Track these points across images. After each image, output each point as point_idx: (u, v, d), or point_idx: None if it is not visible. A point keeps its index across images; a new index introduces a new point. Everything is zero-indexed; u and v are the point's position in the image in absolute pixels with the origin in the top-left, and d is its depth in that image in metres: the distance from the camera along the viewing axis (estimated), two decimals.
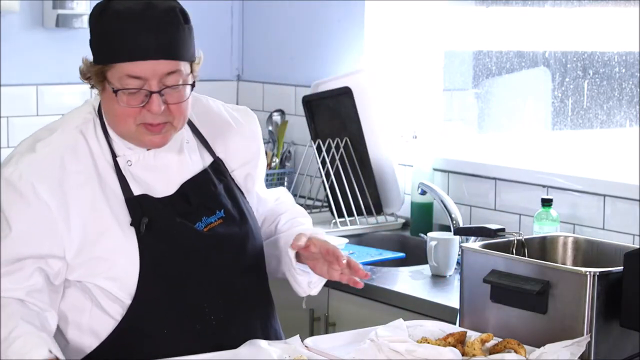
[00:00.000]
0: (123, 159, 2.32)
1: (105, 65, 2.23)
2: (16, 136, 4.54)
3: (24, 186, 2.23)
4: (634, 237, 3.43)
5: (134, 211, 2.28)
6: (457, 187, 4.02)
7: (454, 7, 4.27)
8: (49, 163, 2.27)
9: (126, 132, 2.28)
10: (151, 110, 2.22)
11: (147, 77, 2.21)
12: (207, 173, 2.39)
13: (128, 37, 2.20)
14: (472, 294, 2.54)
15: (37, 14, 4.53)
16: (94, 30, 2.26)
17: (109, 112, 2.29)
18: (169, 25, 2.23)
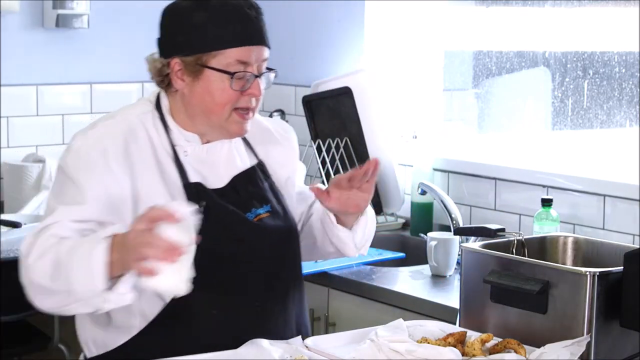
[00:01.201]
0: (180, 149, 2.41)
1: (207, 54, 2.33)
2: (16, 136, 4.54)
3: (94, 154, 2.32)
4: (634, 237, 3.43)
5: (191, 196, 2.35)
6: (457, 187, 4.02)
7: (454, 7, 4.27)
8: (114, 139, 2.35)
9: (218, 121, 2.37)
10: (254, 93, 2.36)
11: (251, 62, 2.34)
12: (255, 170, 2.49)
13: (236, 25, 2.33)
14: (472, 294, 2.54)
15: (37, 14, 4.53)
16: (188, 22, 2.35)
17: (202, 101, 2.37)
18: (261, 15, 2.39)
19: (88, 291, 2.18)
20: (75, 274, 2.17)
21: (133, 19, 4.77)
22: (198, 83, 2.35)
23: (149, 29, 4.90)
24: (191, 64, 2.34)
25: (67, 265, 2.19)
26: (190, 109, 2.39)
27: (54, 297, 2.25)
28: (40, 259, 2.24)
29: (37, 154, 4.50)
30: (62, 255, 2.21)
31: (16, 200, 4.36)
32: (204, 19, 2.33)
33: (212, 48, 2.33)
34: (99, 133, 2.36)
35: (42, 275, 2.24)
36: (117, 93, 4.78)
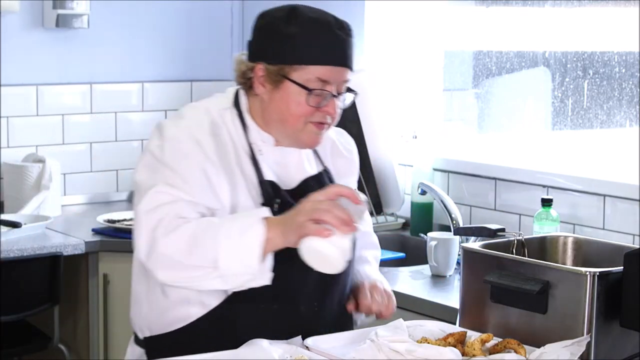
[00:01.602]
0: (256, 147, 2.47)
1: (289, 66, 2.38)
2: (16, 136, 4.54)
3: (189, 141, 2.37)
4: (634, 237, 3.43)
5: (266, 193, 2.42)
6: (457, 187, 4.02)
7: (454, 7, 4.27)
8: (202, 129, 2.41)
9: (293, 130, 2.43)
10: (329, 111, 2.42)
11: (330, 82, 2.40)
12: (323, 175, 2.56)
13: (326, 44, 2.39)
14: (472, 294, 2.54)
15: (37, 14, 4.54)
16: (279, 32, 2.40)
17: (279, 110, 2.42)
18: (351, 38, 2.44)
19: (240, 267, 2.25)
20: (226, 251, 2.24)
21: (133, 19, 4.77)
22: (277, 92, 2.41)
23: (149, 29, 4.93)
24: (274, 72, 2.40)
25: (213, 242, 2.25)
26: (267, 115, 2.45)
27: (185, 272, 2.28)
28: (172, 234, 2.28)
29: (37, 154, 4.50)
30: (202, 232, 2.26)
31: (16, 200, 4.36)
32: (294, 32, 2.38)
33: (296, 62, 2.38)
34: (191, 124, 2.41)
35: (175, 250, 2.27)
36: (117, 93, 4.78)
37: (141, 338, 2.51)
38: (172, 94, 4.90)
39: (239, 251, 2.24)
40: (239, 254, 2.25)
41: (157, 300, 2.45)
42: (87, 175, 4.74)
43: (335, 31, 2.39)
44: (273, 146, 2.48)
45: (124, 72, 4.79)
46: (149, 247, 2.29)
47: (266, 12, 2.46)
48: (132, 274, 2.53)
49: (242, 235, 2.25)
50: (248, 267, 2.25)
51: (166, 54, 4.89)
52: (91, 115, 4.71)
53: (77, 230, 4.16)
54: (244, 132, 2.46)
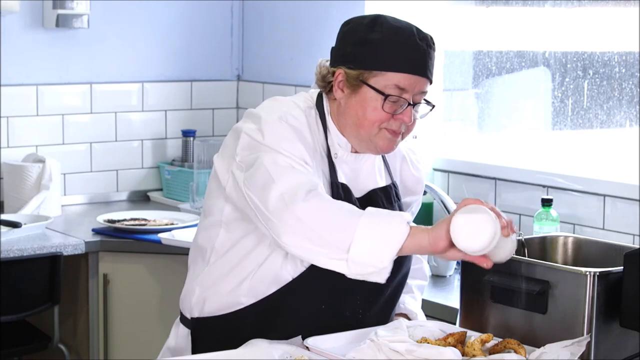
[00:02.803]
0: (333, 150, 2.50)
1: (369, 71, 2.41)
2: (16, 136, 4.54)
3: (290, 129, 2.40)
4: (634, 237, 3.43)
5: (337, 194, 2.44)
6: (457, 187, 4.02)
7: (454, 7, 4.27)
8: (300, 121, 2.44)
9: (367, 135, 2.45)
10: (404, 119, 2.44)
11: (407, 90, 2.42)
12: (390, 188, 2.59)
13: (403, 51, 2.41)
14: (472, 294, 2.54)
15: (37, 14, 4.54)
16: (362, 38, 2.44)
17: (355, 114, 2.45)
18: (432, 50, 2.46)
19: (370, 259, 2.23)
20: (364, 239, 2.22)
21: (133, 19, 4.78)
22: (355, 97, 2.44)
23: (149, 29, 4.93)
24: (353, 77, 2.43)
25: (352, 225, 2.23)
26: (343, 120, 2.48)
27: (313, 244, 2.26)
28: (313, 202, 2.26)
29: (37, 154, 4.50)
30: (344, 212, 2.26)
31: (16, 200, 4.36)
32: (377, 39, 2.42)
33: (375, 67, 2.41)
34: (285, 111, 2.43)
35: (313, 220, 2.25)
36: (117, 93, 4.78)
37: (189, 318, 2.55)
38: (172, 94, 4.90)
39: (376, 243, 2.22)
40: (375, 246, 2.22)
41: (211, 285, 2.49)
42: (87, 175, 4.74)
43: (416, 41, 2.42)
44: (349, 152, 2.51)
45: (124, 72, 4.79)
46: (284, 205, 2.26)
47: (352, 19, 2.53)
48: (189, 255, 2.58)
49: (384, 229, 2.23)
50: (378, 262, 2.23)
51: (166, 54, 4.89)
52: (91, 115, 4.71)
53: (77, 230, 4.16)
54: (325, 134, 2.49)
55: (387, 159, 2.63)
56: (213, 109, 5.00)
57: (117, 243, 4.06)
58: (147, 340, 4.02)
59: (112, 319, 4.10)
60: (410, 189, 2.67)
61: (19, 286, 3.89)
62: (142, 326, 4.10)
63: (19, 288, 3.90)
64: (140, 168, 4.87)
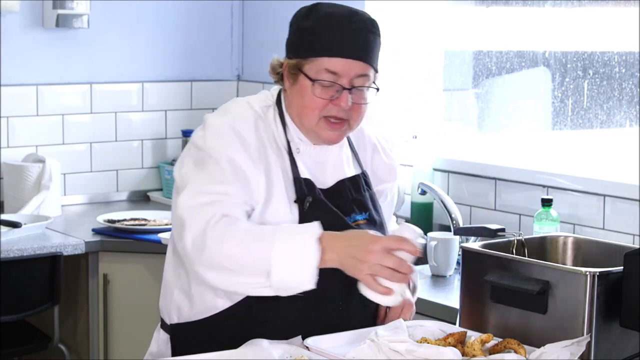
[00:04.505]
0: (294, 145, 2.50)
1: (304, 59, 2.42)
2: (16, 136, 4.54)
3: (231, 135, 2.41)
4: (634, 237, 3.43)
5: (300, 190, 2.44)
6: (457, 187, 4.02)
7: (454, 7, 4.27)
8: (246, 123, 2.45)
9: (308, 124, 2.46)
10: (339, 104, 2.42)
11: (341, 74, 2.41)
12: (359, 178, 2.57)
13: (333, 36, 2.41)
14: (472, 294, 2.54)
15: (37, 14, 4.54)
16: (299, 27, 2.47)
17: (297, 103, 2.46)
18: (370, 33, 2.46)
19: (291, 283, 2.29)
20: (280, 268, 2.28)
21: (133, 19, 4.78)
22: (295, 86, 2.45)
23: (149, 29, 4.93)
24: (292, 66, 2.44)
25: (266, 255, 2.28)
26: (290, 111, 2.49)
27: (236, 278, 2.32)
28: (223, 239, 2.31)
29: (37, 154, 4.50)
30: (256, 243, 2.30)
31: (16, 200, 4.36)
32: (308, 26, 2.44)
33: (308, 54, 2.41)
34: (234, 119, 2.44)
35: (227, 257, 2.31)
36: (117, 93, 4.78)
37: (168, 324, 2.55)
38: (172, 94, 4.90)
39: (293, 271, 2.28)
40: (292, 273, 2.28)
41: (186, 289, 2.49)
42: (87, 175, 4.74)
43: (349, 24, 2.41)
44: (312, 145, 2.50)
45: (124, 72, 4.79)
46: (198, 249, 2.32)
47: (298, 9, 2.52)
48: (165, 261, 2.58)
49: (297, 256, 2.28)
50: (300, 284, 2.30)
51: (166, 54, 4.89)
52: (91, 115, 4.71)
53: (77, 230, 4.16)
54: (284, 130, 2.49)
55: (356, 148, 2.60)
56: (213, 109, 4.98)
57: (117, 243, 4.06)
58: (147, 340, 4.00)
59: (112, 319, 4.10)
60: (381, 177, 2.65)
61: (19, 286, 3.89)
62: (142, 326, 4.09)
63: (19, 288, 3.90)
64: (140, 168, 4.87)
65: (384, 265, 2.26)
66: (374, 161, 2.64)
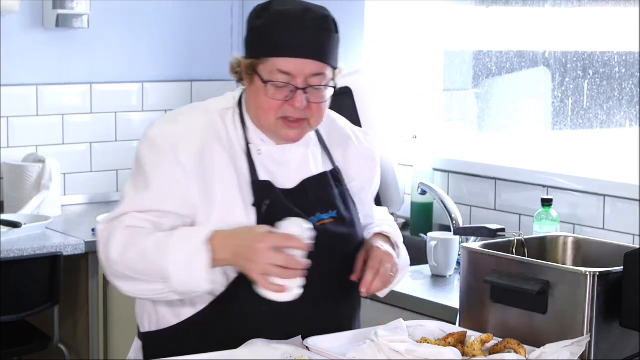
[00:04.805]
0: (254, 147, 2.45)
1: (257, 59, 2.38)
2: (16, 136, 4.54)
3: (165, 146, 2.38)
4: (634, 237, 3.43)
5: (258, 193, 2.41)
6: (457, 187, 4.02)
7: (454, 7, 4.27)
8: (191, 133, 2.41)
9: (266, 124, 2.42)
10: (294, 104, 2.36)
11: (294, 74, 2.35)
12: (326, 176, 2.51)
13: (284, 35, 2.35)
14: (472, 294, 2.54)
15: (37, 14, 4.54)
16: (252, 27, 2.41)
17: (253, 104, 2.43)
18: (323, 30, 2.37)
19: (191, 287, 2.30)
20: (176, 275, 2.29)
21: (133, 19, 4.78)
22: (251, 87, 2.42)
23: (149, 29, 4.93)
24: (247, 67, 2.41)
25: (161, 265, 2.29)
26: (249, 111, 2.46)
27: (143, 286, 2.34)
28: (124, 254, 2.33)
29: (37, 154, 4.50)
30: (151, 254, 2.30)
31: (16, 200, 4.36)
32: (260, 25, 2.38)
33: (260, 55, 2.37)
34: (176, 128, 2.42)
35: (130, 269, 2.33)
36: (117, 93, 4.78)
37: (141, 332, 2.54)
38: (172, 94, 4.90)
39: (186, 275, 2.28)
40: (187, 277, 2.29)
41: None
42: (87, 175, 4.74)
43: (301, 23, 2.34)
44: (275, 145, 2.46)
45: (124, 72, 4.79)
46: (106, 260, 2.36)
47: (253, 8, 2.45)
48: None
49: (188, 260, 2.27)
50: (197, 287, 2.30)
51: (166, 54, 4.89)
52: (91, 115, 4.71)
53: (77, 230, 4.16)
54: (243, 132, 2.45)
55: (328, 144, 2.55)
56: None
57: None
58: None
59: (112, 319, 4.10)
60: (358, 170, 2.58)
61: (19, 286, 3.89)
62: None
63: (19, 288, 3.90)
64: None
65: (274, 264, 2.24)
66: (349, 154, 2.57)
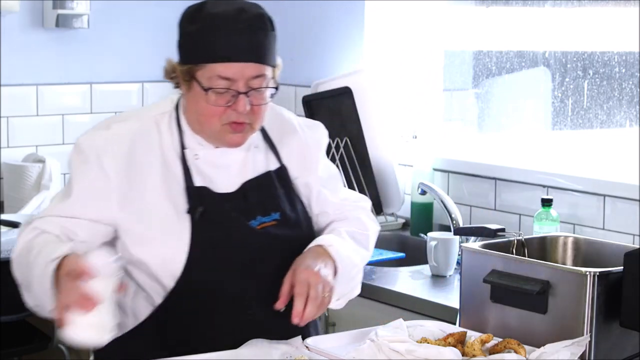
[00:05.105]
0: (191, 152, 2.40)
1: (195, 65, 2.31)
2: (16, 136, 4.54)
3: (91, 154, 2.36)
4: (634, 237, 3.43)
5: (192, 199, 2.36)
6: (457, 187, 4.02)
7: (454, 7, 4.27)
8: (119, 141, 2.37)
9: (210, 131, 2.36)
10: (238, 109, 2.30)
11: (235, 79, 2.29)
12: (269, 176, 2.45)
13: (222, 40, 2.28)
14: (472, 294, 2.54)
15: (37, 14, 4.53)
16: (185, 31, 2.35)
17: (194, 111, 2.36)
18: (260, 30, 2.31)
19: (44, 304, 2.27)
20: (34, 289, 2.30)
21: (133, 19, 4.77)
22: (190, 93, 2.35)
23: (149, 29, 4.93)
24: (184, 73, 2.34)
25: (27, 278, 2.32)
26: (189, 116, 2.39)
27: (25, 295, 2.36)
28: (18, 257, 2.35)
29: (37, 154, 4.50)
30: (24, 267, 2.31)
31: (16, 200, 4.36)
32: (195, 30, 2.31)
33: (197, 61, 2.31)
34: (106, 135, 2.39)
35: (19, 274, 2.36)
36: (117, 93, 4.78)
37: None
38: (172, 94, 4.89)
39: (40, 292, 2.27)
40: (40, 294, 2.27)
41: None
42: None
43: (235, 25, 2.27)
44: (213, 148, 2.40)
45: (124, 72, 4.79)
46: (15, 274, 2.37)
47: (184, 10, 2.38)
48: None
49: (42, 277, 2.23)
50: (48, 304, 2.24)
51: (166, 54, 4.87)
52: (91, 115, 4.71)
53: None
54: (179, 136, 2.39)
55: (274, 140, 2.47)
56: None
57: None
58: None
59: None
60: (301, 164, 2.50)
61: None
62: None
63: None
64: None
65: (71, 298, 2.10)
66: (295, 148, 2.50)
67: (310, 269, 2.31)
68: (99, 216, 2.34)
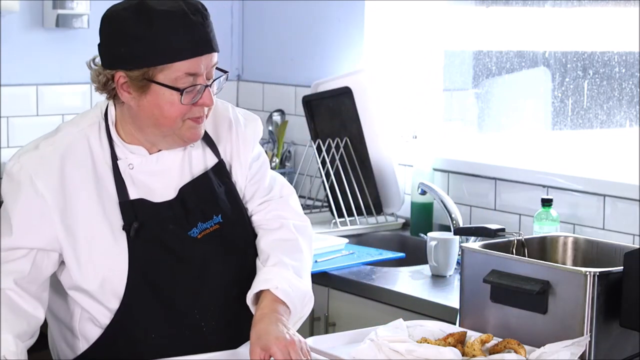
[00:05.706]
0: (124, 162, 2.32)
1: (153, 68, 2.21)
2: (16, 136, 4.54)
3: (23, 178, 2.28)
4: (634, 237, 3.43)
5: (126, 215, 2.29)
6: (457, 187, 4.02)
7: (454, 7, 4.27)
8: (49, 160, 2.29)
9: (169, 130, 2.28)
10: (205, 103, 2.26)
11: (200, 73, 2.24)
12: (207, 176, 2.38)
13: (181, 36, 2.21)
14: (472, 294, 2.54)
15: (37, 14, 4.53)
16: (131, 33, 2.21)
17: (149, 115, 2.26)
18: (206, 19, 2.26)
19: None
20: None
21: None
22: (146, 97, 2.24)
23: None
24: (137, 78, 2.22)
25: None
26: (139, 122, 2.29)
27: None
28: None
29: None
30: None
31: None
32: (147, 29, 2.20)
33: (159, 62, 2.20)
34: (35, 155, 2.31)
35: None
36: None
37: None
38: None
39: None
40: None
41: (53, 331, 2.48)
42: None
43: (191, 18, 2.20)
44: (147, 155, 2.33)
45: None
46: None
47: (109, 13, 2.25)
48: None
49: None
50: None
51: None
52: None
53: None
54: (110, 148, 2.32)
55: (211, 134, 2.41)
56: None
57: None
58: None
59: None
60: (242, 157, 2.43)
61: None
62: None
63: None
64: None
65: None
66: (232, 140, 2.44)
67: (281, 339, 2.19)
68: (47, 243, 2.27)
